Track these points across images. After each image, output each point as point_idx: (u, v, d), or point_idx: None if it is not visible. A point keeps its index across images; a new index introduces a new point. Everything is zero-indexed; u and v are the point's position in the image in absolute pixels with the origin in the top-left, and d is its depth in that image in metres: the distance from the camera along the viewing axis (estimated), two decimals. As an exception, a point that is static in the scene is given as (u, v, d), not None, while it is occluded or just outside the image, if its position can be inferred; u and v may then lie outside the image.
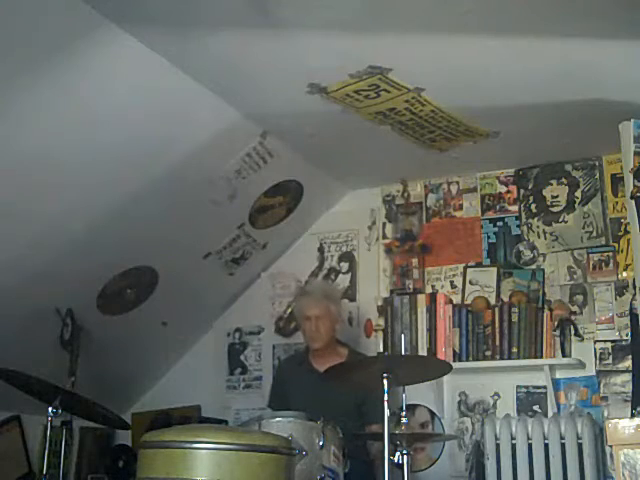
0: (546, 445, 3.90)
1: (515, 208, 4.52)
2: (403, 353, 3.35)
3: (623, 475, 2.26)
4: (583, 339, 4.16)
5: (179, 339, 4.97)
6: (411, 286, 4.62)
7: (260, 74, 3.45)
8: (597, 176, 4.34)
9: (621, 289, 4.15)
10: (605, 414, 4.00)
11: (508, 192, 4.56)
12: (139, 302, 4.42)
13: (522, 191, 4.52)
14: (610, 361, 4.09)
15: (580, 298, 4.24)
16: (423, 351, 4.34)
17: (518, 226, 4.49)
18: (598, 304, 4.19)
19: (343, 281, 4.83)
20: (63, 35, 2.94)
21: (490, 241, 4.55)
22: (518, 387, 4.27)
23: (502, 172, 4.58)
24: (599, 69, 3.33)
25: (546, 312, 4.20)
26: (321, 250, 4.94)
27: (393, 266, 4.71)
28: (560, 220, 4.39)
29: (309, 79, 3.47)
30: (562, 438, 3.88)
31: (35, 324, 3.93)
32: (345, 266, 4.87)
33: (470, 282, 4.51)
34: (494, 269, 4.48)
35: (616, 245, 4.21)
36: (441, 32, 3.07)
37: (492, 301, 4.39)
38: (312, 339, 4.00)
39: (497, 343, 4.23)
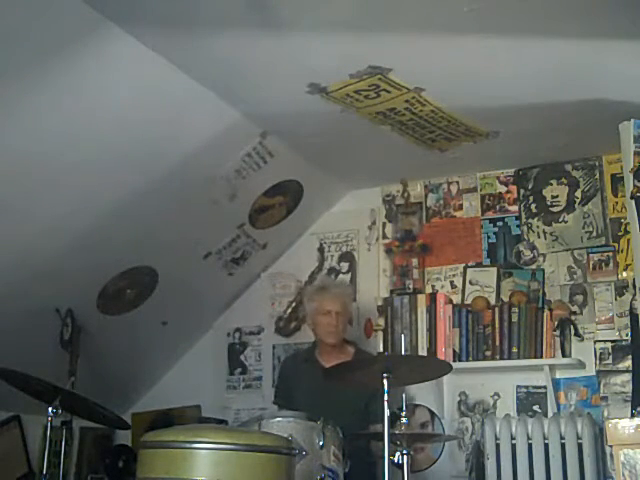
0: (546, 445, 3.89)
1: (515, 208, 4.52)
2: (403, 353, 3.35)
3: (623, 475, 2.26)
4: (583, 339, 4.16)
5: (179, 339, 4.97)
6: (411, 286, 4.61)
7: (260, 74, 3.45)
8: (597, 176, 4.34)
9: (621, 289, 4.15)
10: (605, 414, 4.00)
11: (508, 192, 4.56)
12: (139, 302, 4.42)
13: (522, 191, 4.52)
14: (610, 361, 4.08)
15: (580, 298, 4.24)
16: (423, 351, 4.34)
17: (518, 226, 4.49)
18: (598, 304, 4.19)
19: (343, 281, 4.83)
20: (63, 35, 2.94)
21: (490, 241, 4.55)
22: (518, 387, 4.27)
23: (502, 172, 4.58)
24: (599, 69, 3.33)
25: (546, 312, 4.20)
26: (321, 250, 4.94)
27: (393, 266, 4.71)
28: (560, 220, 4.39)
29: (309, 79, 3.47)
30: (562, 438, 3.88)
31: (35, 324, 3.93)
32: (345, 266, 4.87)
33: (470, 282, 4.51)
34: (494, 269, 4.48)
35: (616, 245, 4.21)
36: (441, 32, 3.07)
37: (492, 301, 4.39)
38: (330, 334, 3.99)
39: (497, 343, 4.23)
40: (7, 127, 3.12)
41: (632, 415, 3.43)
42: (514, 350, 4.19)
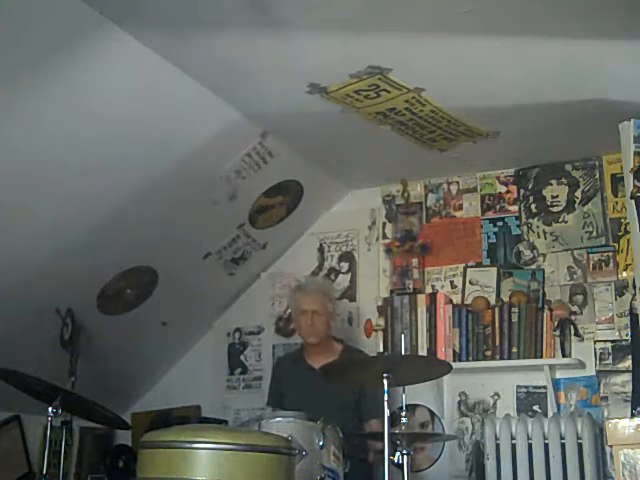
0: (546, 445, 3.89)
1: (515, 208, 4.52)
2: (403, 353, 3.35)
3: (623, 475, 2.26)
4: (583, 339, 4.16)
5: (179, 339, 4.97)
6: (411, 286, 4.61)
7: (260, 74, 3.46)
8: (597, 176, 4.34)
9: (621, 289, 4.15)
10: (605, 414, 4.00)
11: (508, 192, 4.56)
12: (139, 302, 4.42)
13: (522, 191, 4.52)
14: (610, 361, 4.08)
15: (580, 298, 4.24)
16: (423, 351, 4.33)
17: (518, 226, 4.49)
18: (598, 304, 4.18)
19: (343, 281, 4.83)
20: (63, 36, 2.94)
21: (490, 241, 4.55)
22: (518, 387, 4.27)
23: (502, 172, 4.58)
24: (599, 69, 3.33)
25: (546, 312, 4.20)
26: (321, 250, 4.94)
27: (393, 266, 4.71)
28: (560, 220, 4.39)
29: (309, 79, 3.47)
30: (562, 438, 3.88)
31: (35, 324, 3.93)
32: (345, 266, 4.87)
33: (470, 282, 4.51)
34: (494, 269, 4.48)
35: (616, 245, 4.21)
36: (441, 32, 3.07)
37: (492, 301, 4.39)
38: (307, 333, 4.00)
39: (497, 343, 4.23)
40: (7, 127, 3.12)
41: (632, 415, 3.42)
42: (514, 350, 4.19)
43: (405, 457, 3.02)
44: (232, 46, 3.21)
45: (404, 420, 3.11)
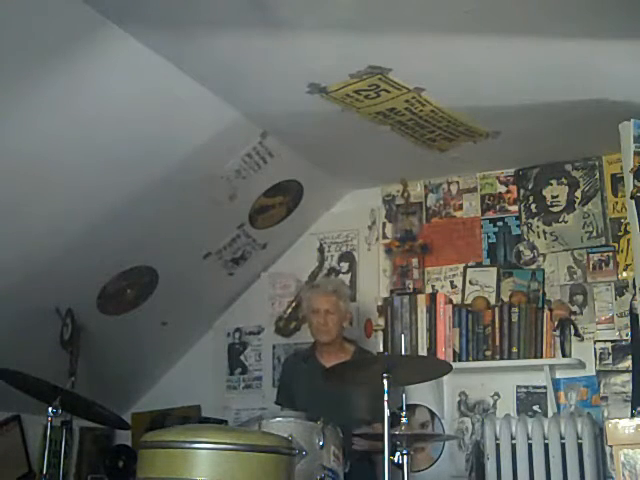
0: (546, 445, 3.90)
1: (515, 208, 4.52)
2: (403, 353, 3.35)
3: (623, 475, 2.26)
4: (583, 339, 4.16)
5: (179, 339, 4.97)
6: (411, 286, 4.61)
7: (260, 74, 3.45)
8: (597, 176, 4.34)
9: (621, 289, 4.15)
10: (605, 414, 4.00)
11: (508, 192, 4.56)
12: (139, 302, 4.42)
13: (522, 191, 4.52)
14: (610, 361, 4.09)
15: (580, 298, 4.24)
16: (423, 351, 4.34)
17: (518, 226, 4.49)
18: (598, 304, 4.19)
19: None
20: (63, 35, 2.94)
21: (490, 241, 4.55)
22: (518, 387, 4.27)
23: (502, 172, 4.59)
24: (599, 69, 3.33)
25: (546, 312, 4.20)
26: (321, 250, 4.94)
27: (393, 266, 4.71)
28: (560, 220, 4.39)
29: (309, 79, 3.47)
30: (562, 438, 3.88)
31: (35, 324, 3.93)
32: (345, 266, 4.87)
33: (470, 282, 4.51)
34: (494, 269, 4.48)
35: (616, 245, 4.21)
36: (441, 32, 3.07)
37: (492, 301, 4.39)
38: (320, 332, 3.97)
39: (497, 343, 4.23)
40: (7, 127, 3.12)
41: (632, 415, 3.43)
42: (514, 350, 4.19)
43: (405, 457, 3.02)
44: (232, 46, 3.21)
45: (404, 420, 3.11)
